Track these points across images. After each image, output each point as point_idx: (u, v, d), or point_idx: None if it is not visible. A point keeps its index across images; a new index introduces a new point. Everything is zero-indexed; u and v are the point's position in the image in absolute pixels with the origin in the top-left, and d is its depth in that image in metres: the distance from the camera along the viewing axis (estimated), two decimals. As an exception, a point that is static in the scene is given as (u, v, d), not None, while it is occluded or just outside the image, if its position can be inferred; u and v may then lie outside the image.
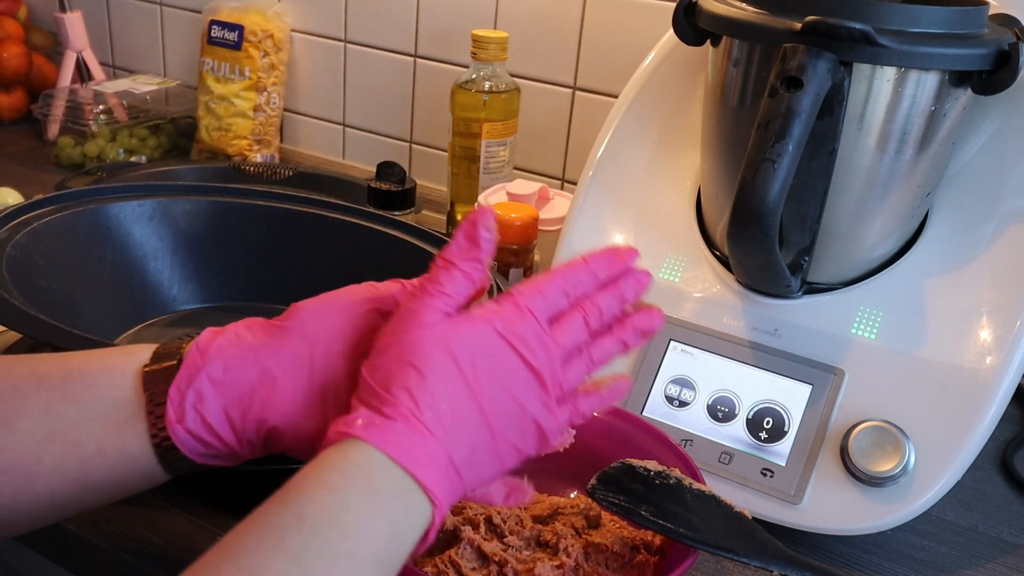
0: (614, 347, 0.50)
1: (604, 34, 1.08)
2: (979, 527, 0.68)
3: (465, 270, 0.46)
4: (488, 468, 0.45)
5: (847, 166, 0.62)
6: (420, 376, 0.43)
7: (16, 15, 1.44)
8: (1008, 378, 0.62)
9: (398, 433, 0.42)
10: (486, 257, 0.46)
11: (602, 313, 0.49)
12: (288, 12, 1.30)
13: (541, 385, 0.45)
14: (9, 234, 0.70)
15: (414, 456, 0.42)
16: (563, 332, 0.47)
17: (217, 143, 1.27)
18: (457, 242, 0.46)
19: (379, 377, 0.44)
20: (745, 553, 0.50)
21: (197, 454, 0.47)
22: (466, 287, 0.46)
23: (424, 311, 0.45)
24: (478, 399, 0.44)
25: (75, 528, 0.59)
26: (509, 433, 0.45)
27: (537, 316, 0.46)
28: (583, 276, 0.49)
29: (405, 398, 0.42)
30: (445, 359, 0.43)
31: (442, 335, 0.44)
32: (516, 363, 0.45)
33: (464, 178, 1.04)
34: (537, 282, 0.48)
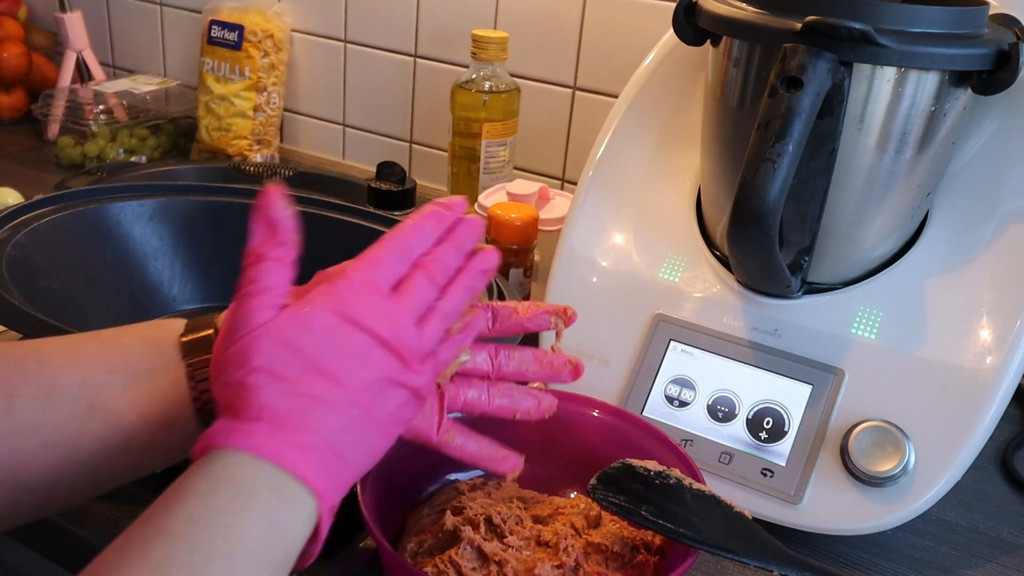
0: (461, 293, 0.49)
1: (604, 34, 1.08)
2: (979, 527, 0.68)
3: (275, 257, 0.45)
4: (372, 443, 0.44)
5: (847, 166, 0.62)
6: (269, 376, 0.42)
7: (16, 15, 1.44)
8: (1008, 378, 0.62)
9: (263, 433, 0.41)
10: (289, 235, 0.45)
11: (444, 266, 0.48)
12: (288, 12, 1.30)
13: (396, 354, 0.45)
14: (9, 234, 0.70)
15: (281, 451, 0.41)
16: (408, 294, 0.47)
17: (217, 143, 1.27)
18: (257, 233, 0.45)
19: (231, 392, 0.43)
20: (745, 553, 0.50)
21: None
22: (284, 274, 0.45)
23: (251, 312, 0.44)
24: (338, 380, 0.43)
25: (75, 528, 0.59)
26: (381, 405, 0.44)
27: (374, 285, 0.46)
28: (415, 237, 0.48)
29: (261, 398, 0.41)
30: (289, 353, 0.43)
31: (278, 330, 0.43)
32: (363, 338, 0.44)
33: (464, 178, 1.04)
34: (370, 253, 0.47)
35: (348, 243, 0.81)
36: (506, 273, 0.86)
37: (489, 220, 0.85)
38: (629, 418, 0.62)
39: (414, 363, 0.45)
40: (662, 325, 0.70)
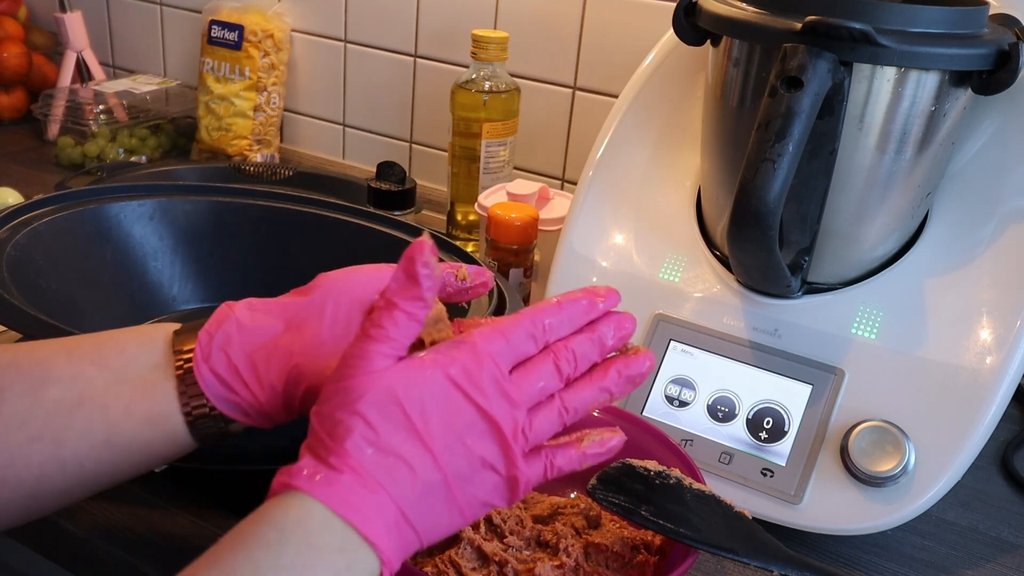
0: (593, 394, 0.47)
1: (604, 34, 1.08)
2: (979, 527, 0.68)
3: (407, 311, 0.43)
4: (447, 520, 0.43)
5: (847, 166, 0.62)
6: (367, 425, 0.41)
7: (16, 15, 1.44)
8: (1008, 378, 0.62)
9: (344, 485, 0.40)
10: (428, 294, 0.43)
11: (576, 358, 0.46)
12: (288, 12, 1.30)
13: (499, 435, 0.43)
14: (9, 234, 0.70)
15: (359, 509, 0.40)
16: (528, 378, 0.45)
17: (217, 143, 1.27)
18: (396, 280, 0.43)
19: (327, 425, 0.42)
20: (745, 553, 0.50)
21: (219, 398, 0.48)
22: (410, 328, 0.43)
23: (370, 357, 0.43)
24: (430, 449, 0.42)
25: (75, 528, 0.59)
26: (469, 485, 0.43)
27: (497, 361, 0.44)
28: (554, 319, 0.46)
29: (352, 448, 0.41)
30: (393, 407, 0.42)
31: (389, 382, 0.42)
32: (470, 412, 0.43)
33: (464, 178, 1.04)
34: (500, 324, 0.45)
35: (348, 243, 0.82)
36: (506, 273, 0.86)
37: (489, 220, 0.85)
38: (629, 418, 0.62)
39: (515, 452, 0.44)
40: (662, 325, 0.70)
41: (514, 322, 0.45)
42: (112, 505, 0.61)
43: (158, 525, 0.60)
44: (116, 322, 0.77)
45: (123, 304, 0.78)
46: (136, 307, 0.80)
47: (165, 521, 0.60)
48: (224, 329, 0.49)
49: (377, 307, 0.44)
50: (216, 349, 0.48)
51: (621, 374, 0.47)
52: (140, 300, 0.80)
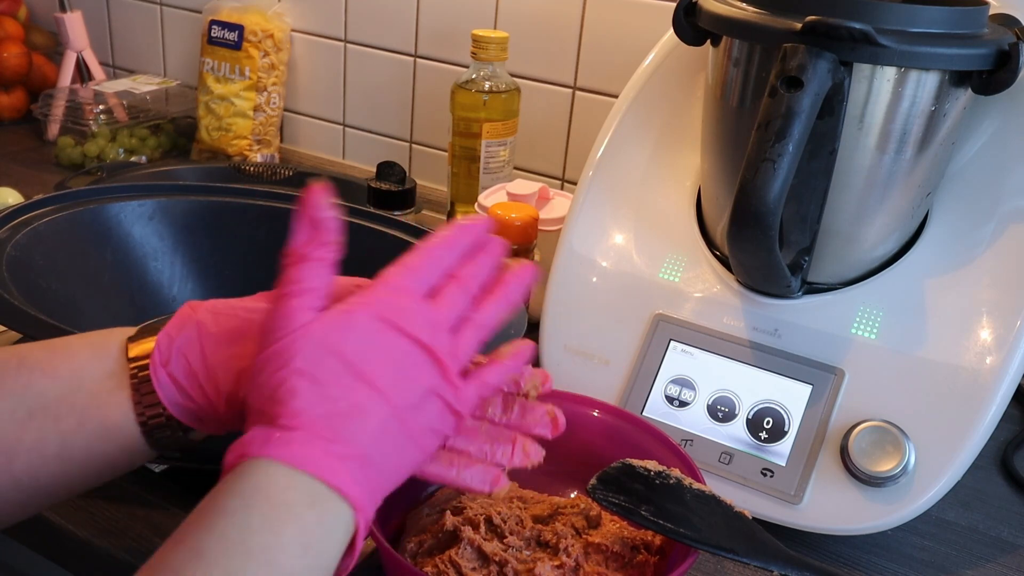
0: (498, 306, 0.48)
1: (604, 34, 1.08)
2: (979, 527, 0.68)
3: (319, 257, 0.43)
4: (406, 454, 0.43)
5: (847, 166, 0.62)
6: (309, 379, 0.41)
7: (16, 15, 1.44)
8: (1008, 378, 0.62)
9: (299, 441, 0.40)
10: (332, 236, 0.44)
11: (476, 278, 0.48)
12: (288, 12, 1.30)
13: (435, 360, 0.44)
14: (9, 234, 0.70)
15: (320, 461, 0.39)
16: (443, 302, 0.46)
17: (217, 143, 1.27)
18: (300, 231, 0.44)
19: (266, 393, 0.41)
20: (745, 553, 0.50)
21: (175, 405, 0.46)
22: (325, 274, 0.44)
23: (292, 313, 0.43)
24: (377, 388, 0.42)
25: (75, 528, 0.59)
26: (418, 415, 0.43)
27: (413, 292, 0.45)
28: (445, 247, 0.48)
29: (299, 402, 0.40)
30: (329, 356, 0.41)
31: (319, 332, 0.42)
32: (405, 343, 0.43)
33: (464, 178, 1.04)
34: (403, 261, 0.47)
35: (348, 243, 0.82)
36: (506, 273, 0.86)
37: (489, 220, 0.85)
38: (629, 418, 0.62)
39: (452, 374, 0.44)
40: (662, 325, 0.70)
41: (413, 255, 0.47)
42: (112, 505, 0.61)
43: (158, 525, 0.60)
44: (116, 322, 0.77)
45: (123, 304, 0.78)
46: (136, 307, 0.79)
47: (165, 521, 0.60)
48: (186, 333, 0.47)
49: (287, 263, 0.44)
50: (176, 353, 0.46)
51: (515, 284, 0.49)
52: (140, 300, 0.80)
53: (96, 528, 0.59)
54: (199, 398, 0.46)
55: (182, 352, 0.47)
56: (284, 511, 0.38)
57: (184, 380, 0.46)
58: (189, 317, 0.48)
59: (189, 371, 0.46)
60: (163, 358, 0.46)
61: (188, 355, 0.46)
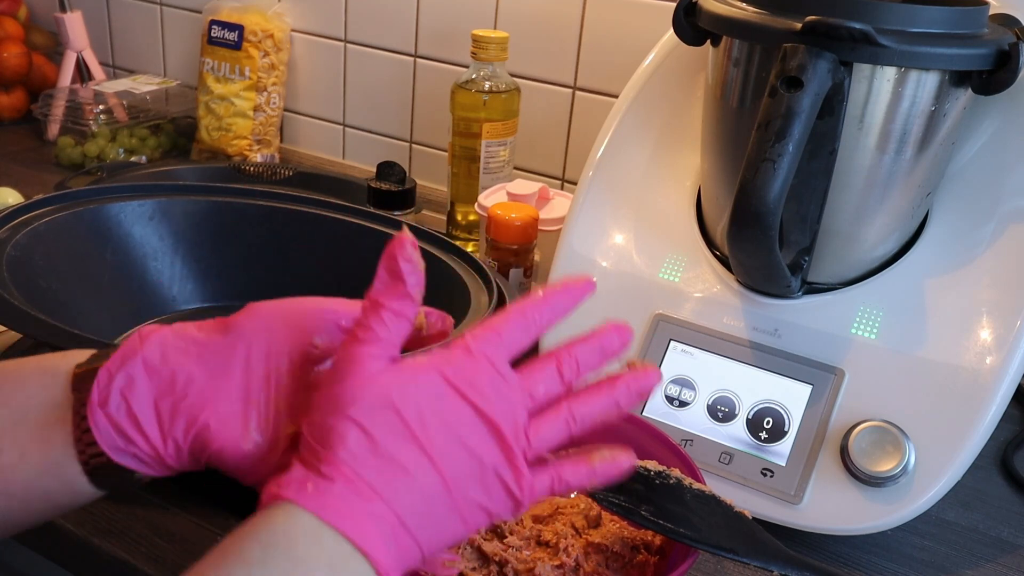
0: (602, 405, 0.44)
1: (604, 34, 1.08)
2: (979, 527, 0.68)
3: (394, 309, 0.41)
4: (449, 528, 0.41)
5: (847, 166, 0.62)
6: (361, 430, 0.39)
7: (16, 15, 1.44)
8: (1008, 378, 0.62)
9: (336, 494, 0.38)
10: (413, 290, 0.42)
11: (579, 365, 0.44)
12: (288, 12, 1.30)
13: (498, 436, 0.41)
14: (9, 234, 0.70)
15: (353, 519, 0.38)
16: (529, 378, 0.43)
17: (217, 143, 1.27)
18: (380, 279, 0.42)
19: (317, 433, 0.40)
20: (745, 553, 0.50)
21: (115, 449, 0.43)
22: (400, 326, 0.42)
23: (361, 360, 0.41)
24: (428, 452, 0.40)
25: (75, 528, 0.59)
26: (469, 490, 0.41)
27: (492, 359, 0.42)
28: (543, 308, 0.44)
29: (345, 455, 0.39)
30: (388, 411, 0.40)
31: (383, 385, 0.40)
32: (468, 412, 0.41)
33: (464, 178, 1.04)
34: (491, 322, 0.43)
35: (348, 243, 0.82)
36: (506, 273, 0.86)
37: (489, 220, 0.85)
38: (629, 418, 0.62)
39: (516, 455, 0.41)
40: (662, 325, 0.70)
41: (503, 318, 0.44)
42: (113, 505, 0.61)
43: (158, 525, 0.60)
44: (116, 322, 0.77)
45: (123, 304, 0.78)
46: (136, 307, 0.79)
47: (165, 521, 0.60)
48: (127, 370, 0.43)
49: (363, 308, 0.42)
50: (115, 393, 0.43)
51: (631, 387, 0.45)
52: (140, 300, 0.80)
53: (96, 528, 0.59)
54: (140, 443, 0.43)
55: (122, 393, 0.43)
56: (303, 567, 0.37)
57: (125, 423, 0.43)
58: (134, 351, 0.44)
59: (129, 413, 0.43)
60: (100, 398, 0.43)
61: (128, 396, 0.43)
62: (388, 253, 0.41)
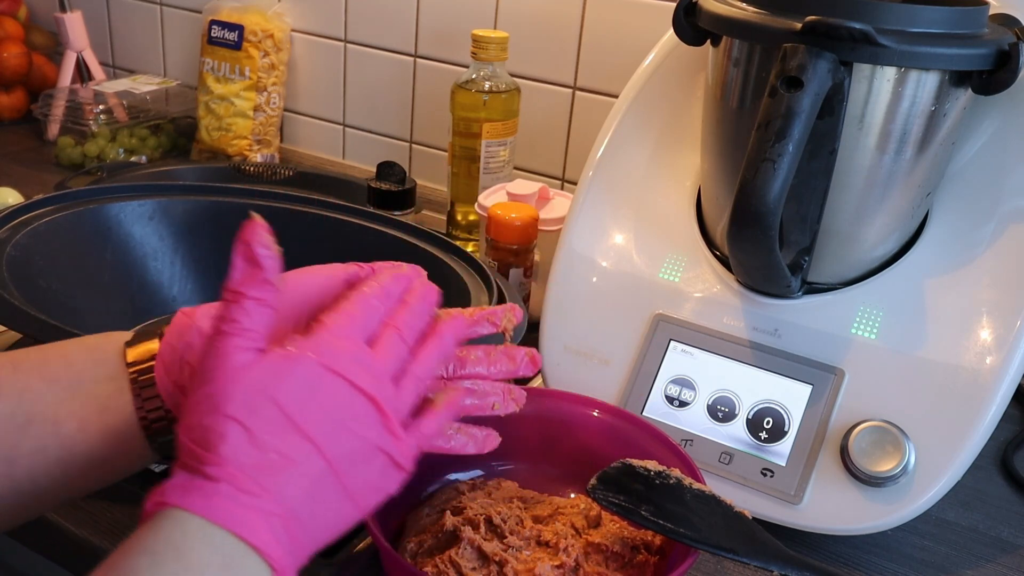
0: (433, 357, 0.47)
1: (604, 34, 1.08)
2: (979, 527, 0.68)
3: (256, 296, 0.41)
4: (341, 511, 0.41)
5: (847, 166, 0.62)
6: (240, 426, 0.39)
7: (16, 15, 1.44)
8: (1008, 378, 0.62)
9: (222, 494, 0.37)
10: (272, 275, 0.42)
11: (411, 327, 0.46)
12: (288, 12, 1.30)
13: (379, 411, 0.42)
14: (9, 234, 0.70)
15: (241, 517, 0.37)
16: (383, 352, 0.44)
17: (217, 143, 1.27)
18: (237, 268, 0.42)
19: (196, 436, 0.39)
20: (745, 553, 0.50)
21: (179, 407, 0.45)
22: (263, 314, 0.42)
23: (229, 354, 0.40)
24: (311, 438, 0.40)
25: (75, 528, 0.59)
26: (357, 471, 0.41)
27: (355, 340, 0.43)
28: (381, 295, 0.46)
29: (227, 450, 0.38)
30: (265, 403, 0.39)
31: (256, 377, 0.40)
32: (347, 392, 0.41)
33: (464, 178, 1.04)
34: (340, 307, 0.44)
35: (348, 243, 0.82)
36: (506, 273, 0.86)
37: (489, 220, 0.85)
38: (629, 418, 0.62)
39: (395, 426, 0.42)
40: (662, 325, 0.70)
41: (351, 302, 0.45)
42: (112, 505, 0.61)
43: (158, 525, 0.60)
44: (116, 322, 0.77)
45: (123, 304, 0.78)
46: (136, 307, 0.79)
47: (165, 521, 0.60)
48: (186, 339, 0.46)
49: (224, 301, 0.42)
50: (179, 360, 0.46)
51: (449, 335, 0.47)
52: (140, 300, 0.80)
53: (96, 528, 0.59)
54: None
55: (184, 359, 0.46)
56: (194, 572, 0.36)
57: (188, 383, 0.45)
58: (188, 325, 0.47)
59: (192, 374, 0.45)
60: (166, 366, 0.46)
61: (190, 360, 0.46)
62: (242, 240, 0.41)
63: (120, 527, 0.60)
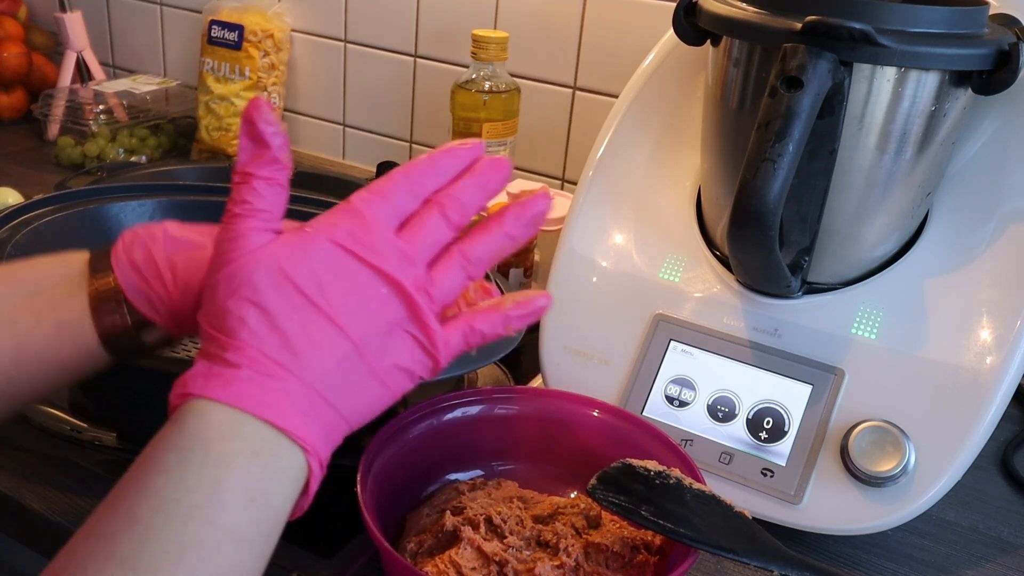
0: (494, 241, 0.44)
1: (604, 34, 1.08)
2: (979, 527, 0.68)
3: (265, 176, 0.40)
4: (370, 392, 0.40)
5: (847, 166, 0.62)
6: (259, 308, 0.38)
7: (16, 15, 1.44)
8: (1008, 378, 0.62)
9: (245, 379, 0.37)
10: (280, 152, 0.40)
11: (461, 205, 0.43)
12: (288, 12, 1.30)
13: (401, 293, 0.40)
14: (9, 234, 0.70)
15: (267, 401, 0.36)
16: (417, 232, 0.41)
17: (217, 143, 1.27)
18: (243, 149, 0.40)
19: (215, 322, 0.38)
20: (745, 553, 0.50)
21: (132, 289, 0.46)
22: (276, 194, 0.40)
23: (244, 236, 0.40)
24: (333, 319, 0.38)
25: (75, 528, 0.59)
26: (384, 353, 0.40)
27: (381, 220, 0.41)
28: (429, 171, 0.43)
29: (248, 337, 0.37)
30: (284, 284, 0.38)
31: (272, 258, 0.39)
32: (366, 274, 0.39)
33: (464, 178, 1.04)
34: (376, 185, 0.42)
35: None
36: (506, 273, 0.86)
37: (489, 220, 0.85)
38: (629, 418, 0.62)
39: (422, 310, 0.40)
40: (662, 325, 0.70)
41: (390, 180, 0.42)
42: (112, 505, 0.61)
43: (158, 525, 0.60)
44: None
45: (123, 304, 0.78)
46: (136, 307, 0.79)
47: (165, 521, 0.60)
48: (151, 230, 0.47)
49: (234, 183, 0.41)
50: (138, 243, 0.47)
51: (519, 217, 0.44)
52: (140, 300, 0.80)
53: (96, 528, 0.59)
54: (155, 284, 0.46)
55: (144, 244, 0.47)
56: (223, 463, 0.35)
57: (143, 265, 0.46)
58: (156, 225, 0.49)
59: (148, 258, 0.46)
60: (125, 246, 0.47)
61: (151, 247, 0.47)
62: (246, 119, 0.40)
63: (120, 527, 0.60)
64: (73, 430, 0.64)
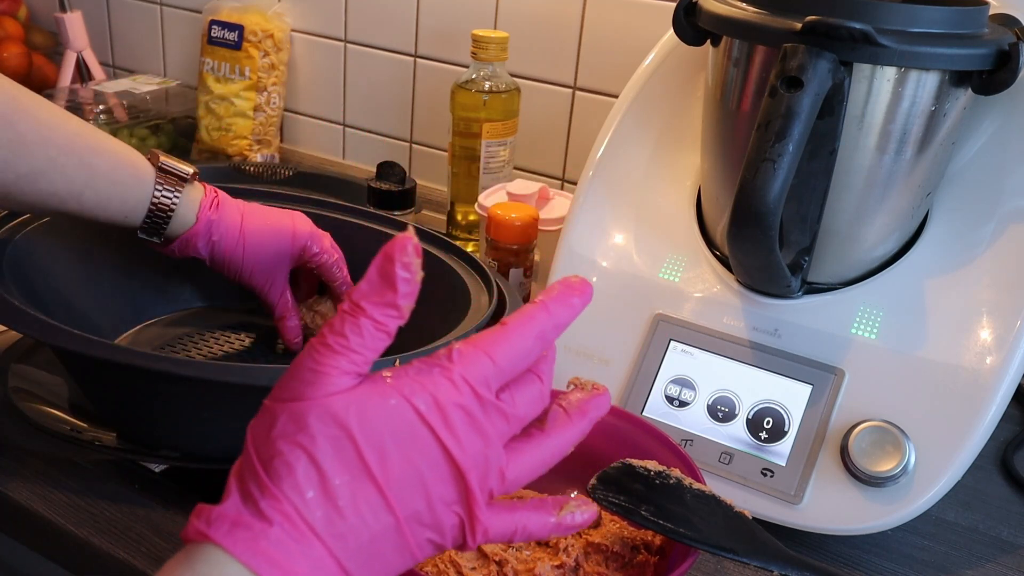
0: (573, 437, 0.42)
1: (604, 34, 1.08)
2: (979, 527, 0.68)
3: (377, 319, 0.36)
4: (395, 564, 0.37)
5: (847, 166, 0.62)
6: (311, 462, 0.35)
7: (16, 15, 1.44)
8: (1008, 378, 0.62)
9: (271, 540, 0.34)
10: (404, 301, 0.36)
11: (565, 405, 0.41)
12: (288, 12, 1.30)
13: (463, 484, 0.37)
14: (9, 234, 0.70)
15: (287, 569, 0.34)
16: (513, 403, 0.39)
17: (217, 143, 1.27)
18: (368, 280, 0.36)
19: (263, 454, 0.36)
20: (745, 553, 0.50)
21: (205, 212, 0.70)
22: (378, 340, 0.37)
23: (327, 374, 0.36)
24: (384, 492, 0.36)
25: (75, 528, 0.59)
26: (424, 527, 0.37)
27: (478, 390, 0.38)
28: (547, 327, 0.40)
29: (289, 490, 0.35)
30: (344, 444, 0.35)
31: (342, 409, 0.36)
32: (436, 452, 0.37)
33: (464, 178, 1.04)
34: (485, 341, 0.38)
35: (348, 243, 0.82)
36: (506, 273, 0.86)
37: (489, 220, 0.85)
38: (629, 418, 0.62)
39: (477, 503, 0.38)
40: (662, 325, 0.70)
41: (500, 338, 0.39)
42: (112, 505, 0.61)
43: (158, 525, 0.60)
44: (116, 322, 0.77)
45: (123, 304, 0.78)
46: (136, 307, 0.80)
47: (165, 521, 0.60)
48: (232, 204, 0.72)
49: (341, 312, 0.37)
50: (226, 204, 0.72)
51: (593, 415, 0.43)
52: (140, 300, 0.80)
53: (96, 528, 0.59)
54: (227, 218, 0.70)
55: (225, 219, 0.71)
56: None
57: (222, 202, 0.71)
58: None
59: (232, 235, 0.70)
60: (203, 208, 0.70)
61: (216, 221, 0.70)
62: (385, 254, 0.36)
63: (120, 527, 0.60)
64: (73, 430, 0.64)
